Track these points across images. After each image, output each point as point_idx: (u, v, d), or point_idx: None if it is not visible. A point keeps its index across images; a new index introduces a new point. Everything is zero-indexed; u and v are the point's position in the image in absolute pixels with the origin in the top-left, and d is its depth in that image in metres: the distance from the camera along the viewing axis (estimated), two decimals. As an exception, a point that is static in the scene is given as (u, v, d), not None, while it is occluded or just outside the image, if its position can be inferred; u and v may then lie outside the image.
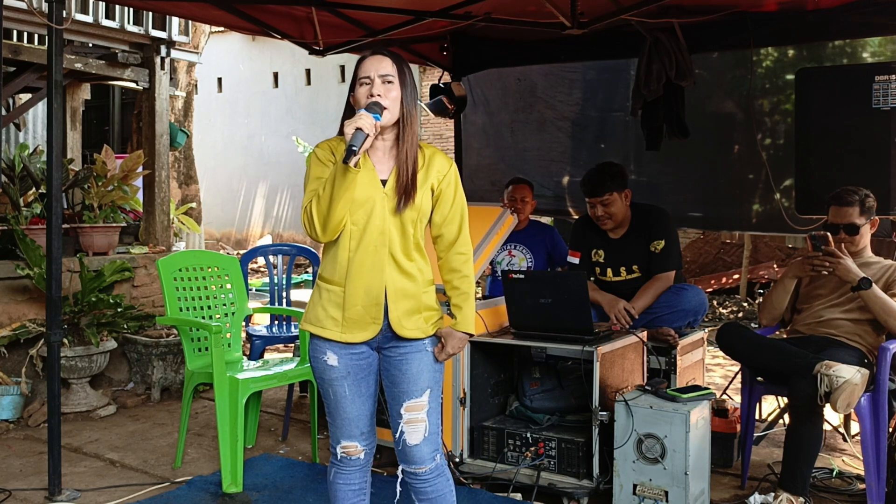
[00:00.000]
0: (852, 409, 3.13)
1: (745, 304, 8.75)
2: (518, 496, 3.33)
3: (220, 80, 14.73)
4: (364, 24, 4.69)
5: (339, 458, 2.41)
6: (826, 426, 3.78)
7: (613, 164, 4.16)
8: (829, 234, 3.42)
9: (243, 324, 4.20)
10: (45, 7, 3.66)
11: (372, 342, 2.37)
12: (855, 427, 3.91)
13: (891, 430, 3.28)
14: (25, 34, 6.15)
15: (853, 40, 4.51)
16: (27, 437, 4.29)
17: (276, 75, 14.06)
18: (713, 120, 4.99)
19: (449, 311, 2.46)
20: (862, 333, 3.42)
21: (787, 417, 3.60)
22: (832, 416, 4.09)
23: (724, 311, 8.63)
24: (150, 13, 6.05)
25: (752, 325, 7.01)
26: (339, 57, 9.27)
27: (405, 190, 2.29)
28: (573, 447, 3.29)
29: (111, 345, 4.81)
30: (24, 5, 5.07)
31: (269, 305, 5.30)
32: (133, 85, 6.53)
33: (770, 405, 4.46)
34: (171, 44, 6.24)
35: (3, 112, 6.80)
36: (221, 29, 11.03)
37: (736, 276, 9.42)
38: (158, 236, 6.07)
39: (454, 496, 2.44)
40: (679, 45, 4.16)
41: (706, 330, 4.26)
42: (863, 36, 4.42)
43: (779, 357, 3.32)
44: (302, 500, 3.38)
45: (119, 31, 5.98)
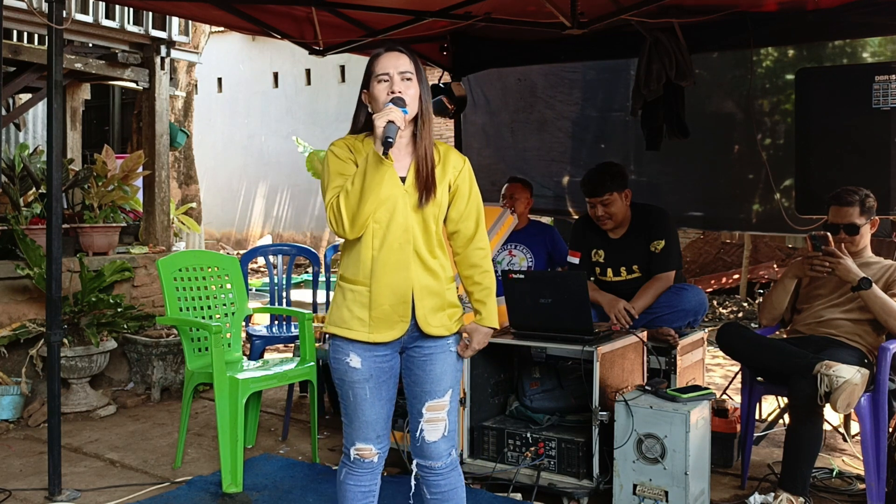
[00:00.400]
0: (852, 409, 3.13)
1: (745, 304, 8.75)
2: (518, 496, 3.33)
3: (220, 80, 14.72)
4: (364, 24, 4.69)
5: (351, 459, 2.39)
6: (826, 426, 3.78)
7: (613, 164, 4.16)
8: (829, 234, 3.42)
9: (243, 324, 4.20)
10: (45, 7, 3.66)
11: (397, 342, 2.35)
12: (855, 427, 3.91)
13: (891, 430, 3.28)
14: (25, 34, 6.16)
15: (853, 40, 4.51)
16: (27, 437, 4.29)
17: (276, 75, 14.05)
18: (713, 120, 4.99)
19: (466, 307, 2.45)
20: (862, 333, 3.42)
21: (787, 417, 3.60)
22: (832, 416, 4.08)
23: (724, 311, 8.63)
24: (150, 13, 6.05)
25: (752, 325, 7.01)
26: (339, 57, 9.27)
27: (426, 185, 2.28)
28: (573, 447, 3.29)
29: (111, 345, 4.81)
30: (24, 5, 5.06)
31: (269, 305, 5.30)
32: (133, 85, 6.53)
33: (770, 405, 4.45)
34: (171, 44, 6.24)
35: (3, 112, 6.80)
36: (221, 29, 11.03)
37: (736, 276, 9.42)
38: (158, 236, 6.07)
39: (464, 491, 2.45)
40: (679, 45, 4.16)
41: (706, 330, 4.26)
42: (863, 36, 4.42)
43: (779, 357, 3.32)
44: (302, 500, 3.38)
45: (119, 31, 5.98)
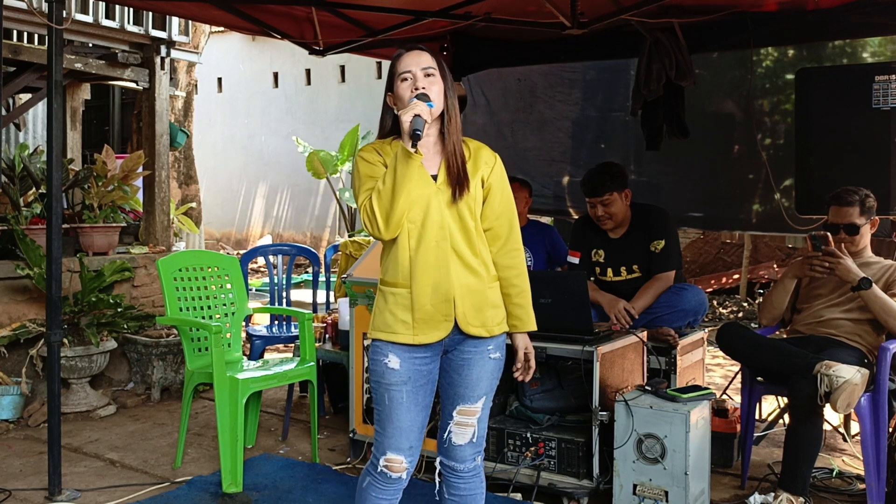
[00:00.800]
0: (852, 409, 3.13)
1: (745, 304, 8.75)
2: (518, 496, 3.34)
3: (220, 80, 14.72)
4: (364, 24, 4.69)
5: (378, 470, 2.31)
6: (826, 426, 3.78)
7: (613, 164, 4.16)
8: (829, 234, 3.42)
9: (243, 324, 4.20)
10: (45, 7, 3.66)
11: (440, 343, 2.30)
12: (855, 427, 3.91)
13: (891, 430, 3.28)
14: (25, 34, 6.16)
15: (853, 40, 4.51)
16: (27, 437, 4.29)
17: (276, 75, 14.04)
18: (713, 120, 4.99)
19: None
20: (862, 333, 3.42)
21: (787, 417, 3.60)
22: (832, 416, 4.08)
23: (724, 311, 8.62)
24: (150, 13, 6.05)
25: (752, 325, 7.01)
26: (339, 57, 9.27)
27: (458, 179, 2.26)
28: (573, 447, 3.29)
29: (111, 345, 4.81)
30: (24, 5, 5.06)
31: (269, 305, 5.31)
32: (133, 85, 6.53)
33: (770, 405, 4.45)
34: (171, 44, 6.24)
35: (3, 112, 6.80)
36: (221, 29, 11.03)
37: (736, 276, 9.42)
38: (158, 236, 6.07)
39: (484, 498, 2.43)
40: (679, 45, 4.16)
41: (706, 330, 4.26)
42: (863, 36, 4.43)
43: (779, 357, 3.32)
44: (302, 500, 3.38)
45: (119, 31, 5.98)
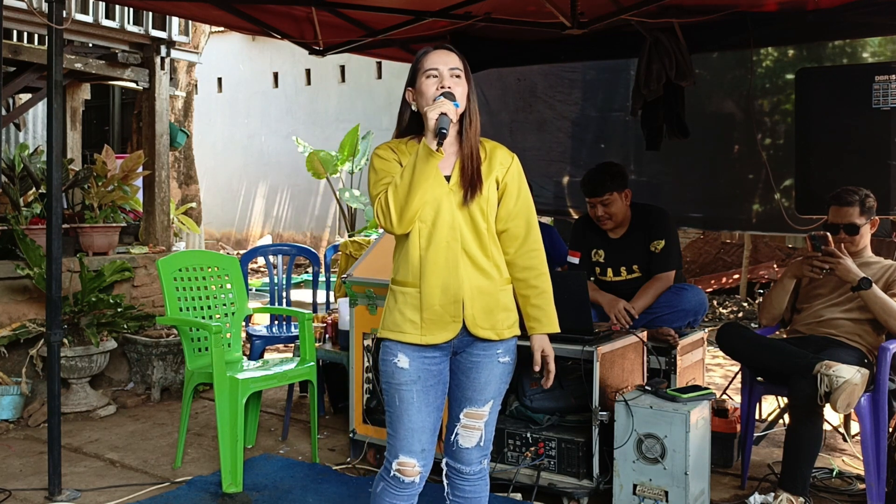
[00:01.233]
0: (852, 409, 3.13)
1: (745, 304, 8.75)
2: (518, 496, 3.33)
3: (220, 80, 14.71)
4: (364, 24, 4.69)
5: (391, 474, 2.29)
6: (826, 426, 3.78)
7: (613, 164, 4.16)
8: (829, 234, 3.42)
9: (243, 324, 4.20)
10: (45, 7, 3.66)
11: (449, 344, 2.30)
12: (855, 427, 3.91)
13: (891, 430, 3.28)
14: (25, 34, 6.16)
15: (853, 40, 4.51)
16: (27, 437, 4.29)
17: (276, 75, 14.04)
18: (713, 120, 5.00)
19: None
20: (862, 333, 3.42)
21: (787, 417, 3.60)
22: (832, 416, 4.08)
23: (724, 311, 8.62)
24: (150, 13, 6.05)
25: (752, 325, 7.01)
26: (339, 57, 9.27)
27: (471, 182, 2.25)
28: (573, 447, 3.28)
29: (111, 345, 4.81)
30: (24, 5, 5.06)
31: (269, 305, 5.31)
32: (133, 85, 6.53)
33: (770, 405, 4.45)
34: (171, 44, 6.24)
35: (3, 112, 6.80)
36: (221, 29, 11.02)
37: (736, 276, 9.42)
38: (158, 236, 6.07)
39: (488, 501, 2.43)
40: (679, 45, 4.16)
41: (706, 330, 4.26)
42: (863, 36, 4.43)
43: (779, 357, 3.32)
44: (302, 500, 3.38)
45: (119, 31, 5.98)
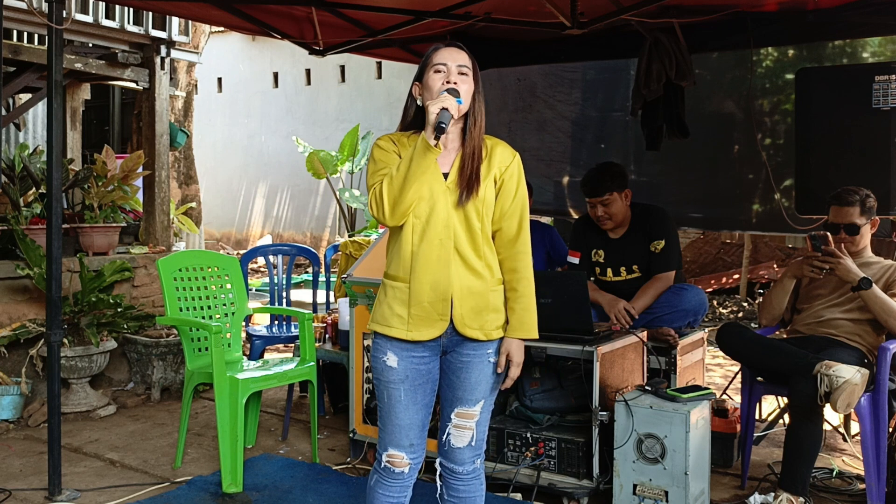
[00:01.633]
0: (852, 409, 3.13)
1: (745, 304, 8.75)
2: (518, 496, 3.34)
3: (220, 80, 14.71)
4: (364, 24, 4.69)
5: (382, 466, 2.34)
6: (826, 426, 3.78)
7: (613, 164, 4.16)
8: (829, 234, 3.42)
9: (243, 324, 4.20)
10: (45, 7, 3.66)
11: (438, 343, 2.31)
12: (855, 427, 3.91)
13: (891, 430, 3.28)
14: (25, 34, 6.16)
15: (853, 40, 4.51)
16: (27, 437, 4.29)
17: (276, 75, 14.04)
18: (713, 120, 4.99)
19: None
20: (862, 333, 3.42)
21: (787, 417, 3.60)
22: (832, 416, 4.09)
23: (724, 311, 8.62)
24: (150, 13, 6.05)
25: (752, 325, 7.01)
26: (339, 57, 9.27)
27: (468, 183, 2.25)
28: (573, 447, 3.29)
29: (111, 345, 4.81)
30: (24, 5, 5.07)
31: (269, 305, 5.31)
32: (133, 85, 6.53)
33: (770, 405, 4.46)
34: (171, 44, 6.24)
35: (3, 112, 6.80)
36: (221, 29, 11.03)
37: (736, 276, 9.42)
38: (158, 236, 6.07)
39: (483, 501, 2.43)
40: (679, 45, 4.16)
41: (706, 330, 4.26)
42: (863, 36, 4.42)
43: (779, 357, 3.32)
44: (302, 500, 3.38)
45: (119, 31, 5.98)
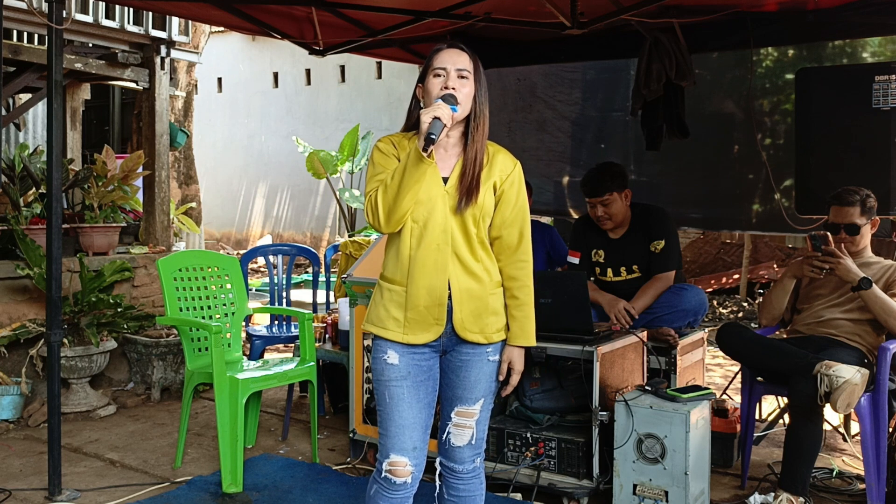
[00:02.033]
0: (852, 409, 3.13)
1: (745, 304, 8.75)
2: (518, 496, 3.34)
3: (220, 80, 14.71)
4: (364, 24, 4.69)
5: (382, 475, 2.26)
6: (826, 426, 3.78)
7: (613, 164, 4.16)
8: (829, 233, 3.42)
9: (243, 324, 4.20)
10: (45, 7, 3.66)
11: (436, 345, 2.29)
12: (855, 427, 3.91)
13: (891, 430, 3.28)
14: (25, 34, 6.16)
15: (853, 40, 4.51)
16: (27, 437, 4.29)
17: (276, 75, 14.04)
18: (713, 120, 4.99)
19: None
20: (862, 333, 3.42)
21: (787, 417, 3.60)
22: (832, 416, 4.09)
23: (724, 311, 8.62)
24: (150, 13, 6.05)
25: (752, 325, 7.01)
26: (339, 57, 9.27)
27: (468, 190, 2.22)
28: (573, 447, 3.29)
29: (111, 345, 4.81)
30: (24, 5, 5.07)
31: (269, 305, 5.31)
32: (133, 85, 6.54)
33: (770, 405, 4.46)
34: (171, 44, 6.24)
35: (3, 112, 6.80)
36: (221, 29, 11.03)
37: (736, 276, 9.42)
38: (158, 236, 6.07)
39: (483, 500, 2.43)
40: (679, 45, 4.16)
41: (706, 330, 4.26)
42: (863, 36, 4.43)
43: (779, 357, 3.32)
44: (302, 500, 3.38)
45: (119, 31, 5.98)
